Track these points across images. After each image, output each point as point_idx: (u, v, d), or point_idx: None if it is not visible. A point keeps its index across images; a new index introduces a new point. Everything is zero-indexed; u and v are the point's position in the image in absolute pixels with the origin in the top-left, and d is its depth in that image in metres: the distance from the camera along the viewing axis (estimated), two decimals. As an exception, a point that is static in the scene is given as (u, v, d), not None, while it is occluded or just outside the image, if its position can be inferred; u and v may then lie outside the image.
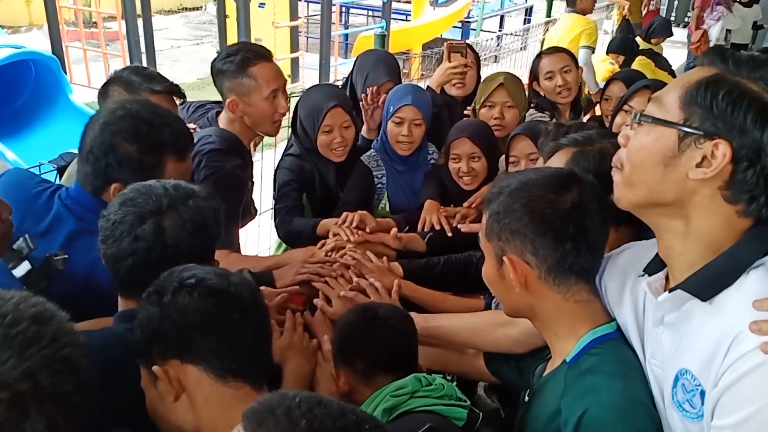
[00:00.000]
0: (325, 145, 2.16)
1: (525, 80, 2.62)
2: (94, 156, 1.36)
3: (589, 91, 4.14)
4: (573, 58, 2.77)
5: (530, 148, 1.98)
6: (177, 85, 1.85)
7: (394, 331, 1.36)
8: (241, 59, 1.89)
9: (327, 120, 2.13)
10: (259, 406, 0.72)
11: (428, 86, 2.62)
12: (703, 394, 0.91)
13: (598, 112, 3.21)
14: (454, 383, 1.32)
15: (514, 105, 2.39)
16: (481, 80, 2.57)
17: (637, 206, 1.00)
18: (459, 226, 2.05)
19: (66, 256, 1.32)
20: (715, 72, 0.94)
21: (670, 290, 0.98)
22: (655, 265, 1.06)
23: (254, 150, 2.48)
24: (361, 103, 2.45)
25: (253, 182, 2.15)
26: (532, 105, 2.72)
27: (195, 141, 1.96)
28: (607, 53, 5.22)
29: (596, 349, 1.08)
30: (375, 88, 2.42)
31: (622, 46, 5.15)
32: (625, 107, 2.29)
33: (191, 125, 2.11)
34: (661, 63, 4.91)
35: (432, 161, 2.37)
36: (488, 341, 1.46)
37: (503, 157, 2.20)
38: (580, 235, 1.05)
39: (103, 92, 1.81)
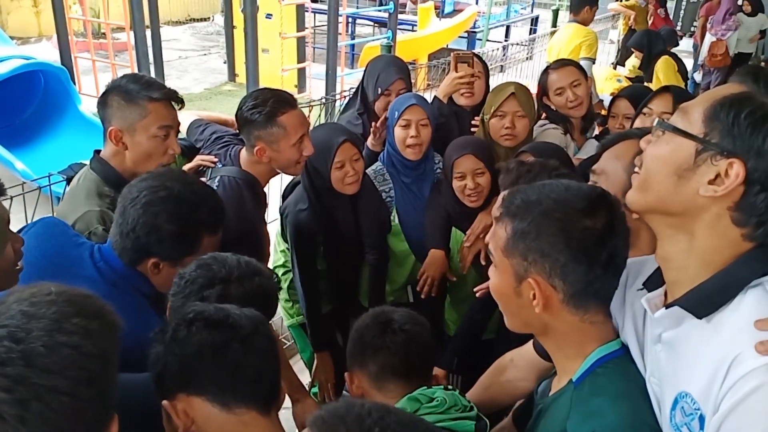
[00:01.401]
0: (338, 180, 2.17)
1: (532, 90, 2.61)
2: (136, 234, 1.42)
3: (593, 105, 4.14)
4: (581, 70, 2.73)
5: None
6: (175, 92, 1.85)
7: (408, 335, 1.35)
8: (269, 110, 1.92)
9: (338, 156, 2.13)
10: (326, 414, 0.72)
11: (435, 96, 2.61)
12: (702, 419, 0.89)
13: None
14: (457, 390, 1.31)
15: (525, 115, 2.38)
16: (490, 90, 2.57)
17: (646, 211, 0.99)
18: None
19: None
20: (744, 90, 0.93)
21: (667, 306, 0.97)
22: (655, 281, 1.04)
23: None
24: (372, 129, 2.48)
25: (266, 222, 2.19)
26: (543, 117, 2.71)
27: (213, 177, 2.04)
28: (629, 47, 5.19)
29: (602, 368, 1.06)
30: (384, 119, 2.43)
31: (641, 42, 5.15)
32: (645, 110, 2.28)
33: (212, 157, 2.13)
34: (682, 68, 4.91)
35: (438, 171, 2.37)
36: (504, 394, 1.46)
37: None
38: (611, 261, 1.02)
39: (102, 102, 1.80)
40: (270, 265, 2.60)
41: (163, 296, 1.48)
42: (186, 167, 2.10)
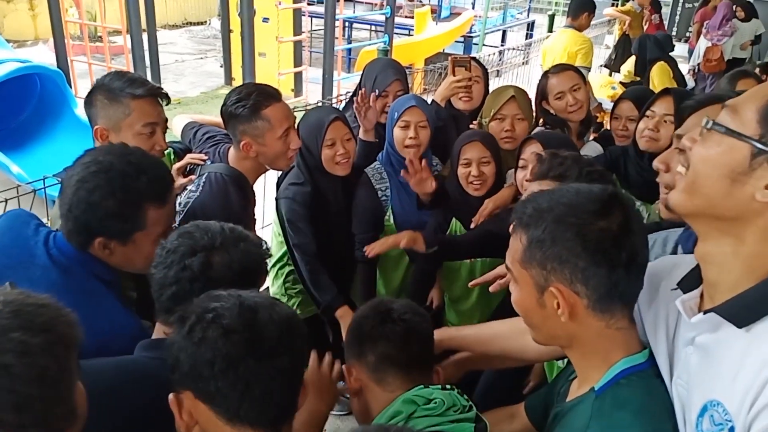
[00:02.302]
0: (329, 159, 2.21)
1: (529, 95, 2.63)
2: (74, 215, 1.35)
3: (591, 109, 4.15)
4: (580, 74, 2.74)
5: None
6: (159, 88, 1.83)
7: (408, 325, 1.33)
8: (253, 103, 1.92)
9: (329, 134, 2.19)
10: None
11: (433, 100, 2.63)
12: (732, 430, 0.86)
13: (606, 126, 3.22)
14: (455, 390, 1.29)
15: (524, 118, 2.43)
16: (489, 94, 2.59)
17: (692, 214, 0.95)
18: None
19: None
20: None
21: (705, 312, 0.93)
22: (691, 281, 1.00)
23: None
24: (354, 106, 2.51)
25: (254, 219, 2.19)
26: (540, 123, 2.72)
27: (201, 174, 2.02)
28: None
29: (627, 379, 1.02)
30: (364, 90, 2.50)
31: (637, 48, 5.19)
32: (648, 113, 2.29)
33: (202, 155, 2.14)
34: (678, 73, 4.93)
35: (436, 173, 2.39)
36: (516, 347, 1.42)
37: (511, 171, 2.23)
38: (632, 260, 0.99)
39: (88, 101, 1.79)
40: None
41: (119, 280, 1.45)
42: (175, 166, 2.10)
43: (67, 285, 1.36)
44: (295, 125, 2.05)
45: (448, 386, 1.28)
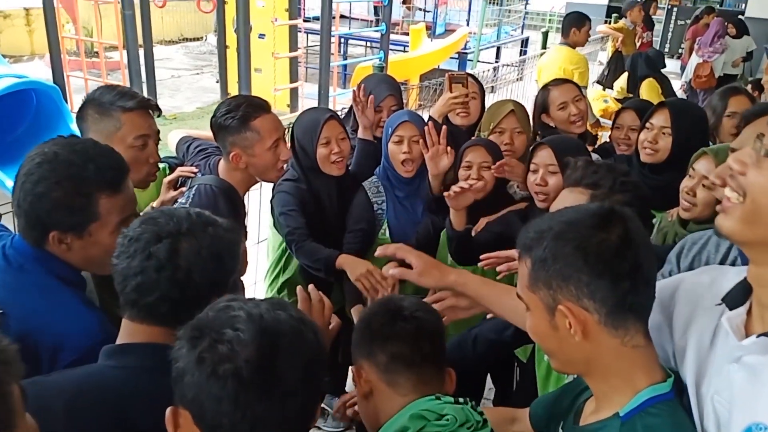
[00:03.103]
0: (324, 157, 2.24)
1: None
2: (23, 209, 1.32)
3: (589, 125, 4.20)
4: (579, 87, 2.82)
5: (551, 159, 2.05)
6: (149, 100, 1.82)
7: (420, 323, 1.28)
8: (242, 114, 1.93)
9: (324, 132, 2.23)
10: None
11: (430, 116, 2.65)
12: None
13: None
14: (469, 405, 1.23)
15: (523, 131, 2.48)
16: (487, 108, 2.63)
17: (749, 243, 0.93)
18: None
19: (2, 312, 1.25)
20: None
21: (759, 335, 0.91)
22: (736, 297, 0.97)
23: None
24: (351, 103, 2.57)
25: (246, 232, 2.19)
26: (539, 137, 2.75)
27: (191, 186, 2.02)
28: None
29: (656, 408, 0.99)
30: (363, 86, 2.55)
31: (629, 65, 5.27)
32: (647, 125, 2.32)
33: (192, 168, 2.14)
34: (668, 89, 4.98)
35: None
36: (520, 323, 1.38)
37: (510, 183, 2.28)
38: (636, 270, 0.97)
39: (80, 116, 1.78)
40: (264, 279, 2.61)
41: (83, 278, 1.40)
42: (166, 179, 2.10)
43: (22, 283, 1.33)
44: (285, 136, 2.06)
45: (461, 400, 1.23)
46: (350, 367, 1.33)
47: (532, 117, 2.75)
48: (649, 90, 4.75)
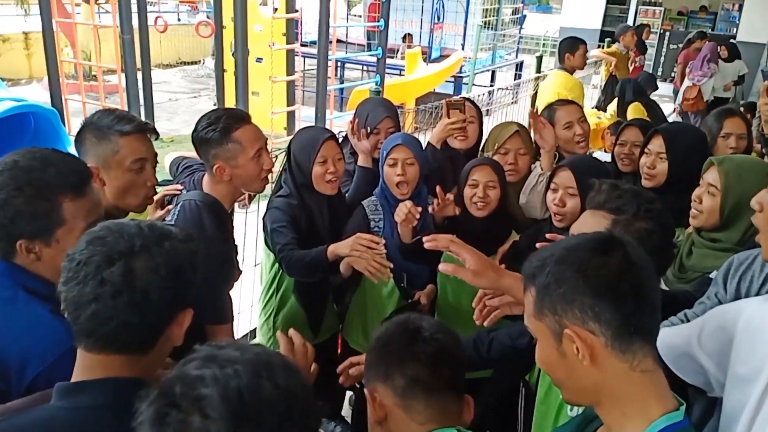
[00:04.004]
0: (319, 176, 2.27)
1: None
2: None
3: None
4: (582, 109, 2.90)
5: (570, 181, 2.09)
6: (146, 123, 1.82)
7: (440, 345, 1.22)
8: (223, 126, 1.94)
9: (322, 151, 2.26)
10: None
11: (428, 142, 2.69)
12: None
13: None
14: None
15: (526, 152, 2.57)
16: (491, 129, 2.69)
17: None
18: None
19: None
20: None
21: None
22: None
23: (249, 203, 2.53)
24: (348, 134, 2.62)
25: (236, 245, 2.18)
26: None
27: (177, 204, 2.00)
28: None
29: None
30: (357, 121, 2.60)
31: (618, 91, 5.33)
32: (645, 150, 2.36)
33: (177, 186, 2.15)
34: (656, 112, 5.03)
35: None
36: None
37: (523, 201, 2.36)
38: (639, 292, 0.98)
39: (78, 139, 1.79)
40: (259, 294, 2.60)
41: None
42: (154, 198, 2.10)
43: None
44: (267, 145, 2.07)
45: None
46: (365, 390, 1.28)
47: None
48: (634, 114, 4.79)
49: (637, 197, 1.54)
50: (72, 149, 5.43)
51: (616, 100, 5.49)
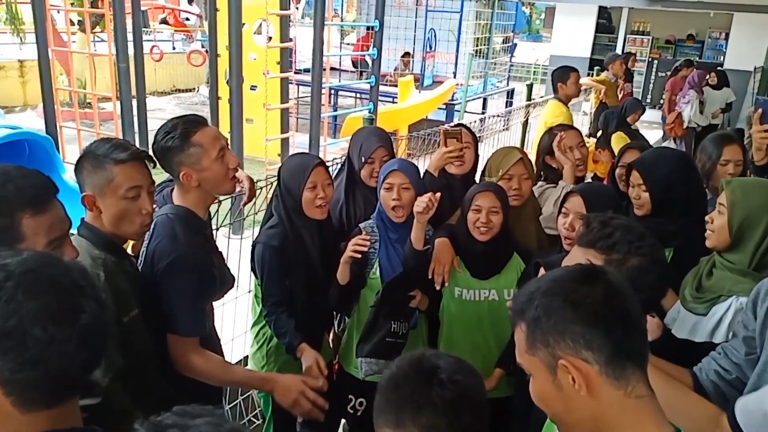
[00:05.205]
0: (309, 201, 2.32)
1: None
2: None
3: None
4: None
5: (581, 207, 2.18)
6: (143, 151, 1.82)
7: (460, 389, 1.07)
8: (181, 132, 1.94)
9: (312, 177, 2.31)
10: None
11: (426, 170, 2.74)
12: None
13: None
14: None
15: (529, 177, 2.66)
16: (492, 155, 2.77)
17: None
18: None
19: None
20: None
21: None
22: None
23: (250, 199, 2.58)
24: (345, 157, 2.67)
25: (219, 251, 2.18)
26: (541, 178, 2.99)
27: (152, 222, 1.94)
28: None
29: None
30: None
31: (601, 121, 5.42)
32: (630, 182, 2.35)
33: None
34: (639, 140, 5.09)
35: (427, 237, 2.46)
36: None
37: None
38: (626, 317, 1.00)
39: (77, 168, 1.80)
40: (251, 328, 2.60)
41: None
42: None
43: None
44: (228, 146, 2.07)
45: None
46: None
47: (536, 159, 2.88)
48: (617, 143, 4.86)
49: (628, 233, 1.52)
50: (66, 176, 5.43)
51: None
